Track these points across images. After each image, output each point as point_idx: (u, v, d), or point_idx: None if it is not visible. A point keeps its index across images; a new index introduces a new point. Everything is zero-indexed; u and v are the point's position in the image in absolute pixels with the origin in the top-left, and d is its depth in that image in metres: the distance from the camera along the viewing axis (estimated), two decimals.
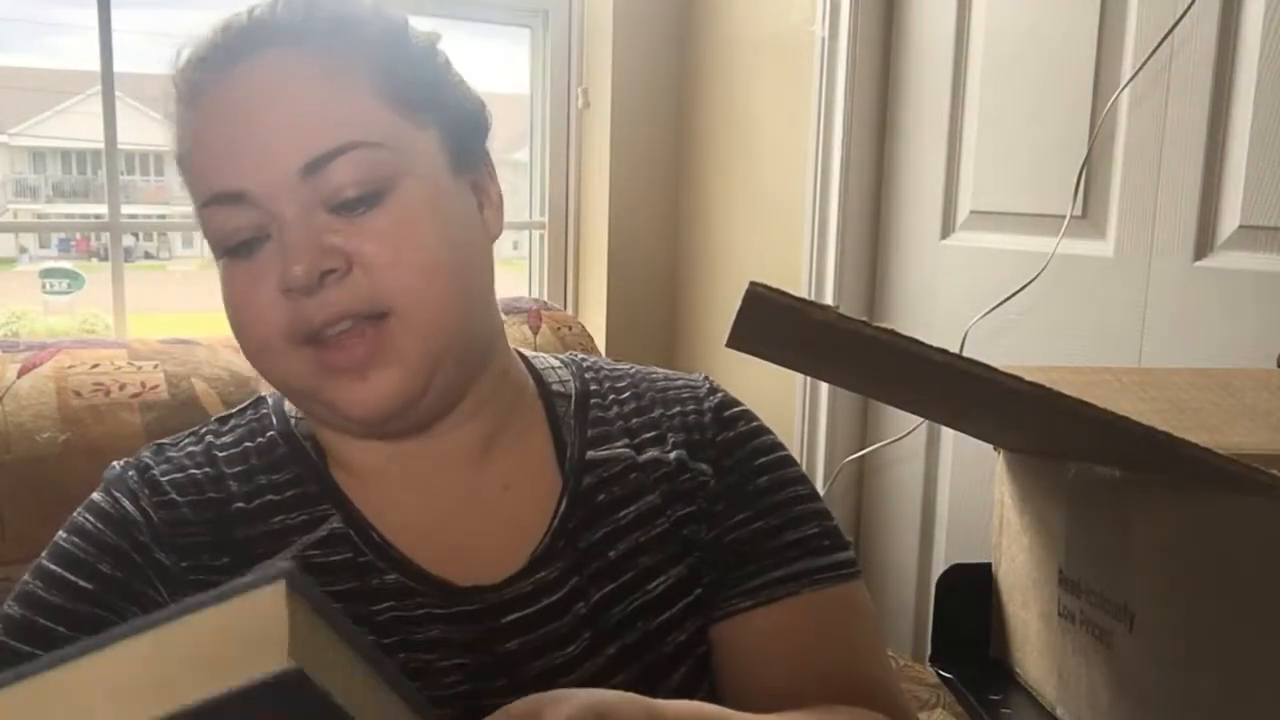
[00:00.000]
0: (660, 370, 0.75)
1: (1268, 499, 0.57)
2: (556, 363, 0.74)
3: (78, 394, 0.98)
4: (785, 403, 1.76)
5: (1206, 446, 0.56)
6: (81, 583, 0.60)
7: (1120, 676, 0.67)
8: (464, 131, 0.63)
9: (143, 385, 1.01)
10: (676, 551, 0.66)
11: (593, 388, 0.71)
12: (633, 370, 0.74)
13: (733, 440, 0.70)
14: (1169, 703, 0.65)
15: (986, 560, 0.87)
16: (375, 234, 0.57)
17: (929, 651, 0.89)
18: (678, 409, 0.71)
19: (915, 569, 1.71)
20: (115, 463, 0.66)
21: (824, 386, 1.74)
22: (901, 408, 1.20)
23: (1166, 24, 1.26)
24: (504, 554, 0.63)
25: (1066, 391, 0.54)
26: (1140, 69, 1.30)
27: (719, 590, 0.66)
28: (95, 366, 1.01)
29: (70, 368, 1.00)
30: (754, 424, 0.72)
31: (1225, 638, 0.63)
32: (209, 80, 0.58)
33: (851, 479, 1.79)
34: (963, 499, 1.61)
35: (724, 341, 0.59)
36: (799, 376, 1.72)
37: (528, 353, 0.73)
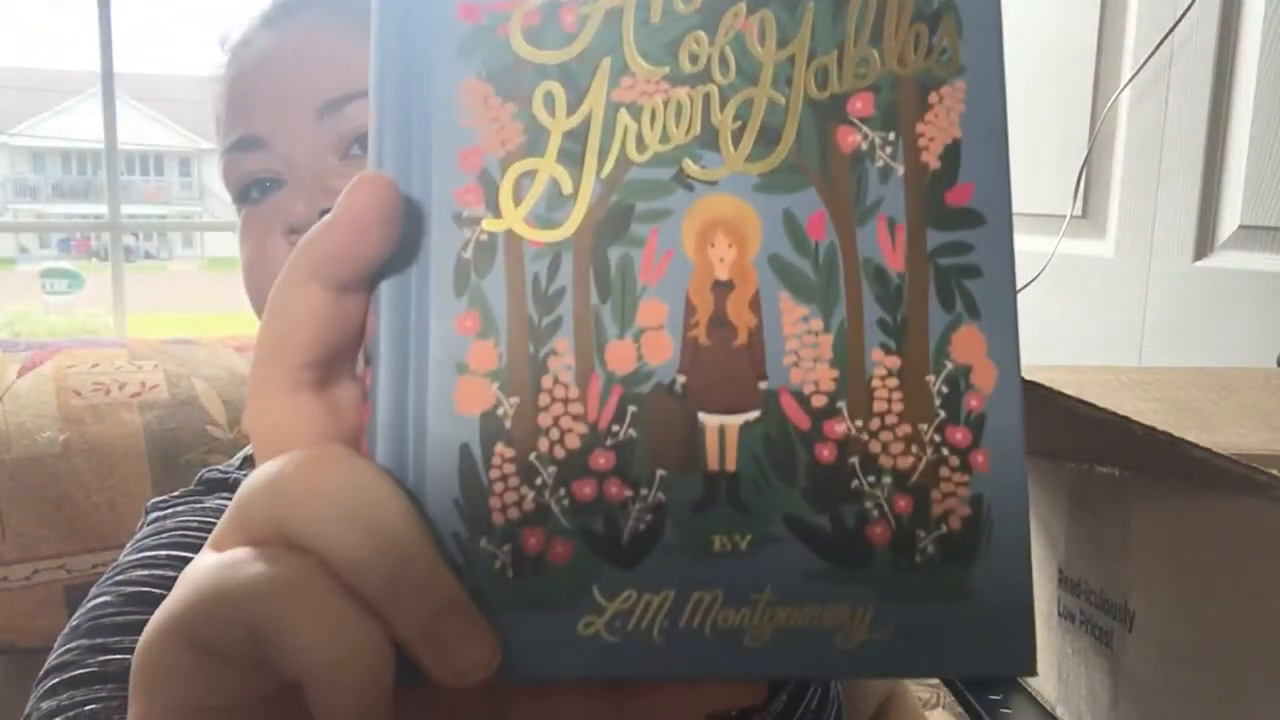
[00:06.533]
0: None
1: (1268, 499, 0.57)
2: None
3: (78, 394, 0.98)
4: None
5: (1206, 446, 0.56)
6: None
7: (1120, 676, 0.67)
8: None
9: (143, 385, 1.01)
10: None
11: None
12: None
13: None
14: (1169, 703, 0.65)
15: None
16: None
17: None
18: None
19: None
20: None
21: None
22: None
23: (1166, 24, 1.26)
24: None
25: (1066, 391, 0.54)
26: (1140, 69, 1.30)
27: None
28: (95, 366, 1.01)
29: (70, 367, 1.00)
30: None
31: (1225, 638, 0.63)
32: (244, 46, 0.62)
33: None
34: None
35: None
36: None
37: None
